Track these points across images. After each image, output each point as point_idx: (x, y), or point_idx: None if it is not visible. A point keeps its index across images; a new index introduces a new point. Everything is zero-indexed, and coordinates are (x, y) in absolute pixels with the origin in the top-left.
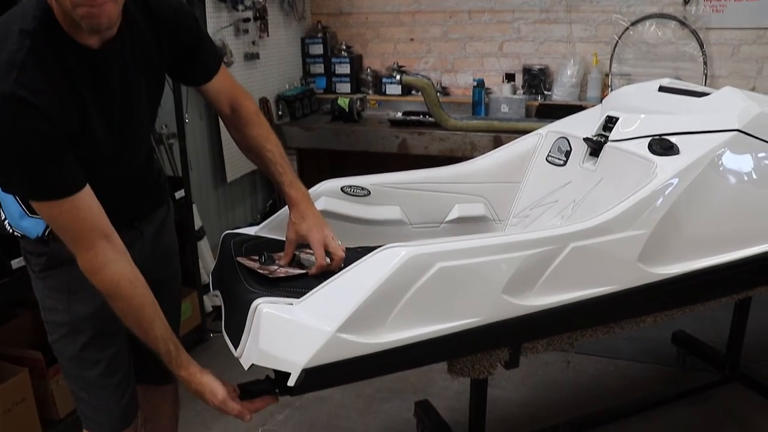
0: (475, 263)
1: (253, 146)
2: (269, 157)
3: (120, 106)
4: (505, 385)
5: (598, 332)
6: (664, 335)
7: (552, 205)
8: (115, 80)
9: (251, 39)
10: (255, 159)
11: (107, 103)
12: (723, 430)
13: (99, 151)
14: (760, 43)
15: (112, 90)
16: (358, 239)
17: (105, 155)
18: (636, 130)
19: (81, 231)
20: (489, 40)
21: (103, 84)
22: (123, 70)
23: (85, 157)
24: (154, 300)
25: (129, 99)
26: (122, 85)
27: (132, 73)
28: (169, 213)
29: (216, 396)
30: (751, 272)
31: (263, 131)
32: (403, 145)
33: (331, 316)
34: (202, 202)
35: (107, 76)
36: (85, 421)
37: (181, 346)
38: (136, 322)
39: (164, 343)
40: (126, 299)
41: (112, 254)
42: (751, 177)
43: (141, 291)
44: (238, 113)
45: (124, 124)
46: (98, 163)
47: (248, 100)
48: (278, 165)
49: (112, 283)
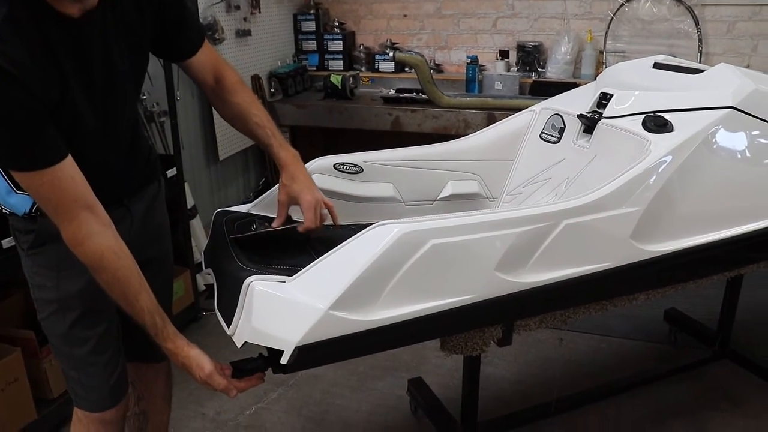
0: (468, 240)
1: (239, 112)
2: (256, 122)
3: (102, 76)
4: (498, 362)
5: (590, 309)
6: (656, 313)
7: (545, 182)
8: (97, 50)
9: (243, 15)
10: (241, 126)
11: (88, 73)
12: (713, 406)
13: (82, 122)
14: (755, 20)
15: (93, 60)
16: (350, 216)
17: (89, 127)
18: (630, 107)
19: (63, 202)
20: (483, 17)
21: (83, 54)
22: (104, 40)
23: (67, 129)
24: (140, 272)
25: (111, 70)
26: (104, 56)
27: (114, 43)
28: (160, 191)
29: (203, 369)
30: (743, 250)
31: (248, 97)
32: (396, 122)
33: (324, 294)
34: (195, 181)
35: (88, 45)
36: (75, 399)
37: (167, 319)
38: (121, 294)
39: (150, 316)
40: (111, 271)
41: (96, 226)
42: (745, 155)
43: (126, 263)
44: (222, 82)
45: (107, 95)
46: (82, 135)
47: (231, 69)
48: (266, 128)
49: (96, 254)
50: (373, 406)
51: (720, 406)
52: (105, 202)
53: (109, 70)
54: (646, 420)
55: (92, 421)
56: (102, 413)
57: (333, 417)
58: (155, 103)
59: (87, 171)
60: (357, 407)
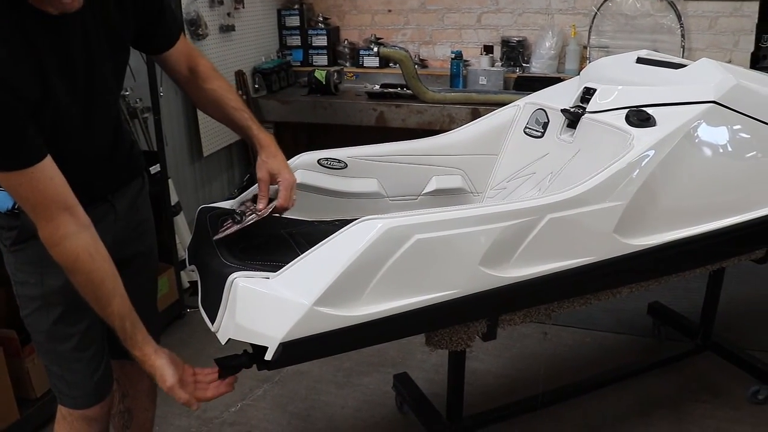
0: (452, 235)
1: (215, 98)
2: (233, 105)
3: (84, 74)
4: (483, 357)
5: (574, 303)
6: (639, 306)
7: (529, 176)
8: (77, 45)
9: (226, 11)
10: (217, 111)
11: (69, 69)
12: (696, 397)
13: (64, 119)
14: (737, 16)
15: (74, 56)
16: (334, 212)
17: (71, 123)
18: (613, 102)
19: (42, 202)
20: (467, 12)
21: (65, 51)
22: (85, 35)
23: (50, 126)
24: (116, 275)
25: (92, 65)
26: (85, 53)
27: (95, 40)
28: (144, 186)
29: (165, 382)
30: (725, 243)
31: (224, 84)
32: (381, 117)
33: (308, 290)
34: (179, 177)
35: (69, 42)
36: (59, 396)
37: (138, 326)
38: (93, 296)
39: (120, 320)
40: (85, 273)
41: (74, 227)
42: (727, 149)
43: (101, 265)
44: (196, 70)
45: (89, 90)
46: (65, 132)
47: (204, 58)
48: (244, 112)
49: (71, 256)
50: (359, 402)
51: (702, 397)
52: (89, 199)
53: (90, 67)
54: (631, 412)
55: (76, 418)
56: (86, 410)
57: (319, 413)
58: (138, 99)
59: (71, 168)
60: (343, 403)
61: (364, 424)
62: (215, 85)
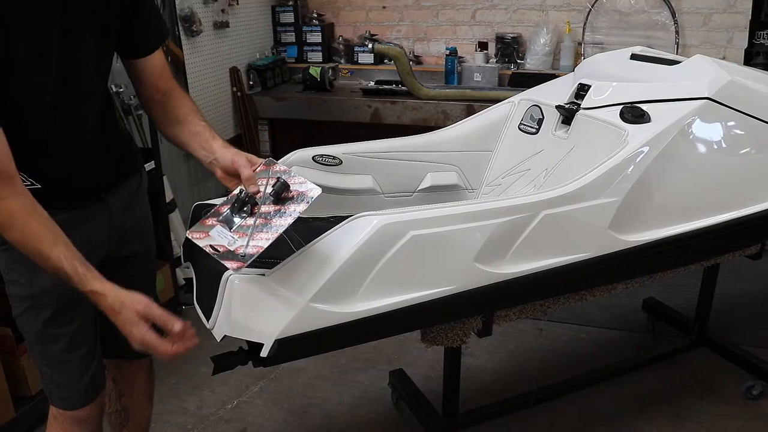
0: (447, 231)
1: (183, 116)
2: (205, 123)
3: (59, 45)
4: (479, 353)
5: (570, 300)
6: (634, 302)
7: (524, 173)
8: (54, 21)
9: (221, 7)
10: (182, 129)
11: (40, 38)
12: (691, 393)
13: (35, 96)
14: (730, 12)
15: (50, 32)
16: (329, 209)
17: (44, 103)
18: (608, 98)
19: None
20: (462, 8)
21: (38, 22)
22: (64, 12)
23: (17, 102)
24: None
25: (70, 45)
26: (62, 28)
27: (75, 16)
28: (141, 184)
29: (140, 302)
30: (720, 239)
31: (195, 106)
32: (376, 114)
33: (304, 286)
34: (173, 174)
35: (45, 14)
36: (50, 397)
37: (90, 266)
38: (34, 248)
39: (70, 263)
40: (20, 227)
41: (11, 192)
42: (720, 145)
43: (39, 218)
44: (170, 94)
45: (65, 66)
46: (36, 111)
47: (187, 98)
48: (213, 130)
49: (6, 213)
50: (354, 398)
51: (697, 393)
52: (81, 195)
53: (68, 45)
54: (626, 408)
55: (66, 419)
56: (75, 411)
57: (315, 410)
58: (132, 96)
59: (48, 154)
60: (339, 400)
61: (360, 420)
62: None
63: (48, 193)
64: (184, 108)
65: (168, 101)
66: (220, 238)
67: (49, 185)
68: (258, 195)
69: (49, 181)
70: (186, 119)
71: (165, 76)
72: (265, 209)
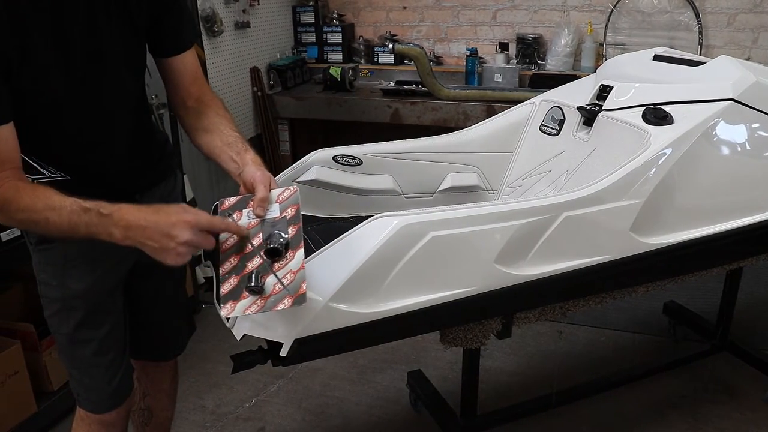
0: (467, 232)
1: (215, 125)
2: (238, 134)
3: (83, 42)
4: (498, 355)
5: (590, 302)
6: (655, 306)
7: (545, 174)
8: (79, 11)
9: (242, 7)
10: (213, 138)
11: (62, 34)
12: (712, 399)
13: (48, 87)
14: (756, 12)
15: (72, 22)
16: (349, 209)
17: (59, 96)
18: (630, 99)
19: None
20: (482, 9)
21: (59, 11)
22: (89, 3)
23: (30, 93)
24: (60, 194)
25: (95, 37)
26: (87, 19)
27: (102, 11)
28: (176, 186)
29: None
30: (743, 243)
31: (228, 115)
32: (396, 114)
33: (323, 286)
34: (194, 173)
35: (64, 5)
36: (77, 399)
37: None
38: (45, 205)
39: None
40: (29, 192)
41: (15, 176)
42: (745, 147)
43: (45, 187)
44: (202, 100)
45: (87, 62)
46: (51, 104)
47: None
48: (246, 141)
49: (12, 188)
50: (372, 398)
51: (719, 398)
52: (114, 197)
53: (92, 38)
54: (646, 412)
55: (93, 421)
56: (102, 415)
57: (332, 410)
58: (154, 95)
59: (77, 149)
60: (357, 400)
61: (377, 420)
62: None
63: (81, 190)
64: (216, 117)
65: (200, 108)
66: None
67: (81, 181)
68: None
69: (80, 177)
70: (218, 128)
71: (198, 81)
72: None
